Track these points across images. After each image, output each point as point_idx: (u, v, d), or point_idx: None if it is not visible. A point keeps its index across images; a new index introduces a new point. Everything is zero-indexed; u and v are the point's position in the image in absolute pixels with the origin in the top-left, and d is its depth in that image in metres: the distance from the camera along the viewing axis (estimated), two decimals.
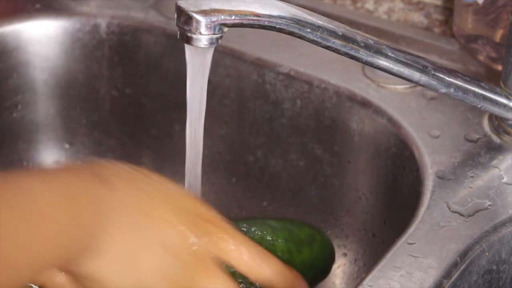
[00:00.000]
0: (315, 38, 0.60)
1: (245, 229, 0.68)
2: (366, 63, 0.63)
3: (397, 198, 0.74)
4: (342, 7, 0.89)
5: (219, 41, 0.57)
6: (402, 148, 0.73)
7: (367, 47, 0.62)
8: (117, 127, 0.93)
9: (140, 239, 0.54)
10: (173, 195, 0.57)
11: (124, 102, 0.92)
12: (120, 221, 0.54)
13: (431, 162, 0.69)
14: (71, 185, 0.52)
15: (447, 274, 0.58)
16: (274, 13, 0.58)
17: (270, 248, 0.66)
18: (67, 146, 0.94)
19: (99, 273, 0.53)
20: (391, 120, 0.75)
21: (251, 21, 0.58)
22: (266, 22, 0.58)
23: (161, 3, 0.91)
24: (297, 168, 0.84)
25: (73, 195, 0.52)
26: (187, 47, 0.58)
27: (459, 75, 0.67)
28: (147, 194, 0.55)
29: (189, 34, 0.57)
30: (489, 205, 0.65)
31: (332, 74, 0.80)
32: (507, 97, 0.69)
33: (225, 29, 0.57)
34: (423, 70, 0.65)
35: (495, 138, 0.72)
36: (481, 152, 0.70)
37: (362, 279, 0.57)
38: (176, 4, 0.57)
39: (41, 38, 0.89)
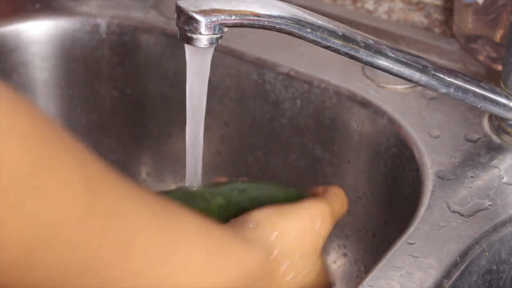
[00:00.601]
0: (315, 38, 0.60)
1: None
2: (366, 63, 0.63)
3: (397, 198, 0.74)
4: (342, 7, 0.89)
5: (219, 41, 0.57)
6: (402, 148, 0.73)
7: (367, 47, 0.62)
8: (117, 127, 0.93)
9: None
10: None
11: (124, 102, 0.91)
12: None
13: (431, 162, 0.69)
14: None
15: (447, 274, 0.58)
16: (274, 13, 0.58)
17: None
18: None
19: None
20: (391, 120, 0.75)
21: (251, 21, 0.58)
22: (266, 22, 0.58)
23: (161, 3, 0.91)
24: (297, 168, 0.84)
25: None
26: (187, 47, 0.58)
27: (459, 75, 0.67)
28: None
29: (189, 34, 0.57)
30: (489, 205, 0.65)
31: (332, 74, 0.80)
32: (507, 97, 0.69)
33: (225, 29, 0.57)
34: (423, 70, 0.65)
35: (495, 138, 0.72)
36: (481, 152, 0.70)
37: (362, 279, 0.57)
38: (176, 4, 0.57)
39: (41, 38, 0.89)
